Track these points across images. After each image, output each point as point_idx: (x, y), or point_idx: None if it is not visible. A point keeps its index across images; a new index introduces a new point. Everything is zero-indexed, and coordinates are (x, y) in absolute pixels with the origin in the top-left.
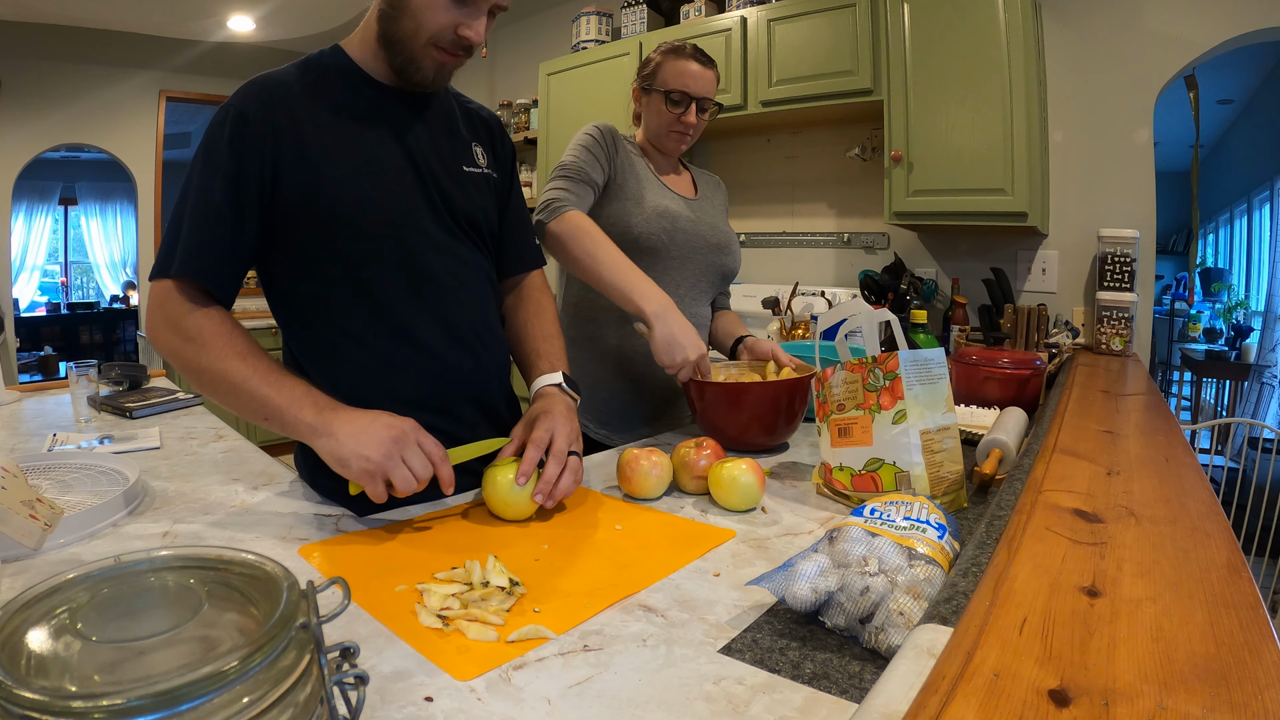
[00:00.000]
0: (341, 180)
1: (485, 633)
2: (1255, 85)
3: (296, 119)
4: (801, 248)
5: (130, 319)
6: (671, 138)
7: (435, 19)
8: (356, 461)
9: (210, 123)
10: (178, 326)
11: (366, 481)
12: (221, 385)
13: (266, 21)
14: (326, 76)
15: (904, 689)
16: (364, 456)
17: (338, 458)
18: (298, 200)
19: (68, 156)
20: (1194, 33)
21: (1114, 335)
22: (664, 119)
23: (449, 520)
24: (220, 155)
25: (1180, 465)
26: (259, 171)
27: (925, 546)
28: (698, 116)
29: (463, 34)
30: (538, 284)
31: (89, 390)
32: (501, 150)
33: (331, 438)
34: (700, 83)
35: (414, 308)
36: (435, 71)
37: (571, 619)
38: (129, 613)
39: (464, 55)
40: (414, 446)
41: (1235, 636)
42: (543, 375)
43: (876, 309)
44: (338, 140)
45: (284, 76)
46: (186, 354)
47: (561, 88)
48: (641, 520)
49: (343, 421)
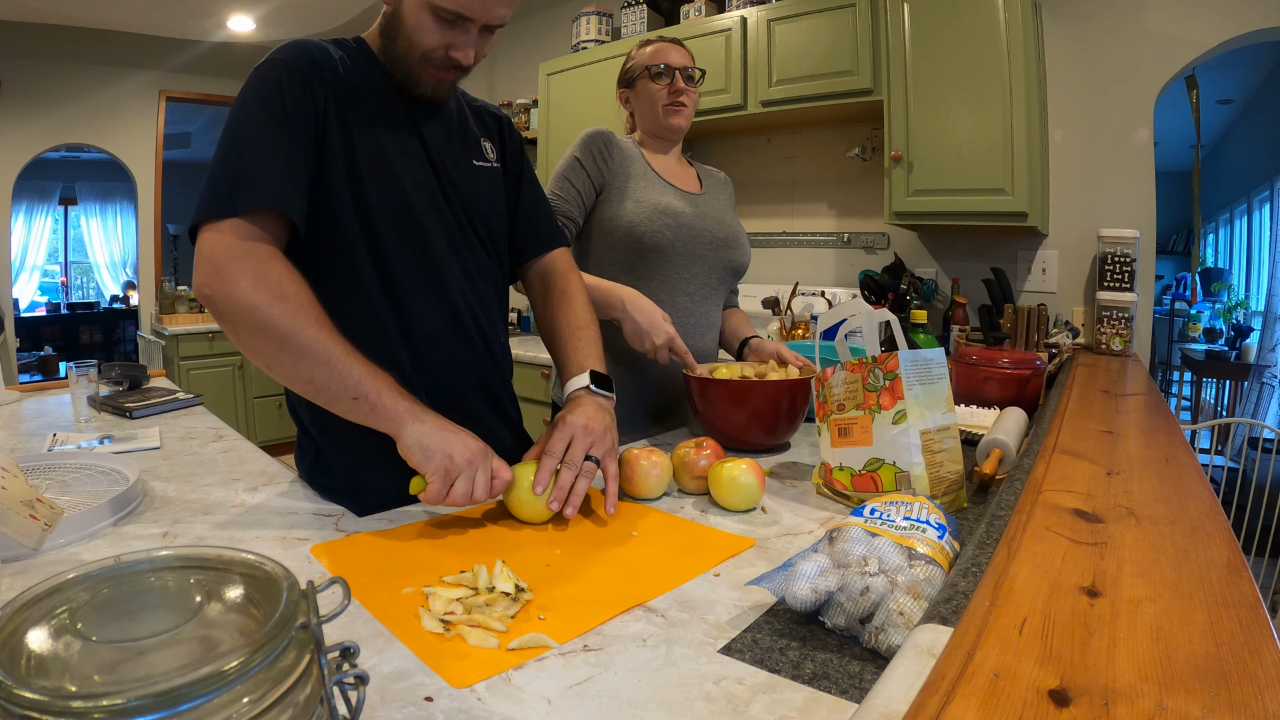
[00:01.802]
0: (369, 158)
1: (486, 639)
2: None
3: (340, 86)
4: (801, 248)
5: (130, 319)
6: (669, 111)
7: (425, 40)
8: (441, 456)
9: (254, 74)
10: (265, 278)
11: (439, 478)
12: (314, 355)
13: (266, 21)
14: (356, 62)
15: (904, 689)
16: (449, 455)
17: (426, 446)
18: (330, 167)
19: (68, 156)
20: (1194, 33)
21: (1114, 335)
22: (656, 97)
23: (464, 522)
24: (278, 96)
25: (1180, 465)
26: (313, 120)
27: (925, 546)
28: (686, 85)
29: (453, 56)
30: (562, 266)
31: (89, 390)
32: (510, 142)
33: (424, 425)
34: (674, 56)
35: (423, 296)
36: (433, 87)
37: (576, 628)
38: (129, 613)
39: (458, 73)
40: (487, 467)
41: (1235, 636)
42: (571, 379)
43: (876, 309)
44: (367, 118)
45: (324, 44)
46: (275, 315)
47: (561, 88)
48: (658, 525)
49: (435, 416)
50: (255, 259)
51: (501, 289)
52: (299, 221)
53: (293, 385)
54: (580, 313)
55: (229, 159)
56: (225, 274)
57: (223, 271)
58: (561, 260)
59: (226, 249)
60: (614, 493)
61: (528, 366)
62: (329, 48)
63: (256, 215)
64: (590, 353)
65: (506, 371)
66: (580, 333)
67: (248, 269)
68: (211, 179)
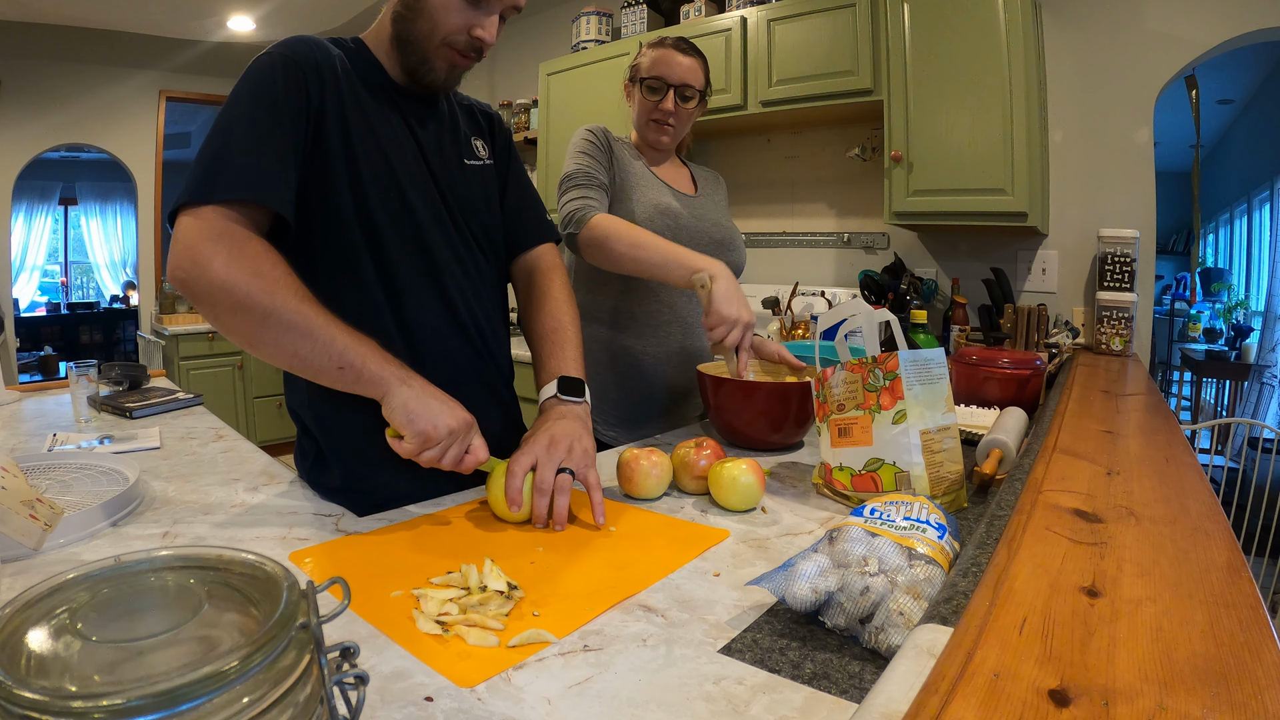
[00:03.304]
0: (368, 156)
1: (486, 638)
2: (1255, 85)
3: (338, 83)
4: (801, 248)
5: (130, 319)
6: (652, 128)
7: (450, 20)
8: (425, 421)
9: (251, 66)
10: (240, 256)
11: (418, 441)
12: (296, 327)
13: (266, 21)
14: (354, 61)
15: (904, 689)
16: (433, 420)
17: (410, 410)
18: (327, 165)
19: (68, 156)
20: (1194, 33)
21: (1114, 335)
22: (644, 109)
23: (441, 523)
24: (271, 89)
25: (1180, 465)
26: (306, 117)
27: (925, 546)
28: (677, 105)
29: (476, 34)
30: (546, 264)
31: (89, 390)
32: (499, 137)
33: (410, 389)
34: (678, 69)
35: (420, 293)
36: (447, 73)
37: (573, 621)
38: (129, 613)
39: (475, 57)
40: (466, 441)
41: (1235, 636)
42: (543, 387)
43: (876, 309)
44: (365, 117)
45: (323, 41)
46: (254, 290)
47: (561, 88)
48: (637, 521)
49: (423, 382)
50: (230, 239)
51: (500, 291)
52: (282, 211)
53: (277, 361)
54: (556, 314)
55: (212, 147)
56: (198, 255)
57: (195, 253)
58: (546, 257)
59: (200, 232)
60: (599, 502)
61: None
62: (329, 45)
63: (235, 205)
64: (565, 356)
65: (508, 373)
66: (555, 335)
67: (221, 249)
68: (195, 166)
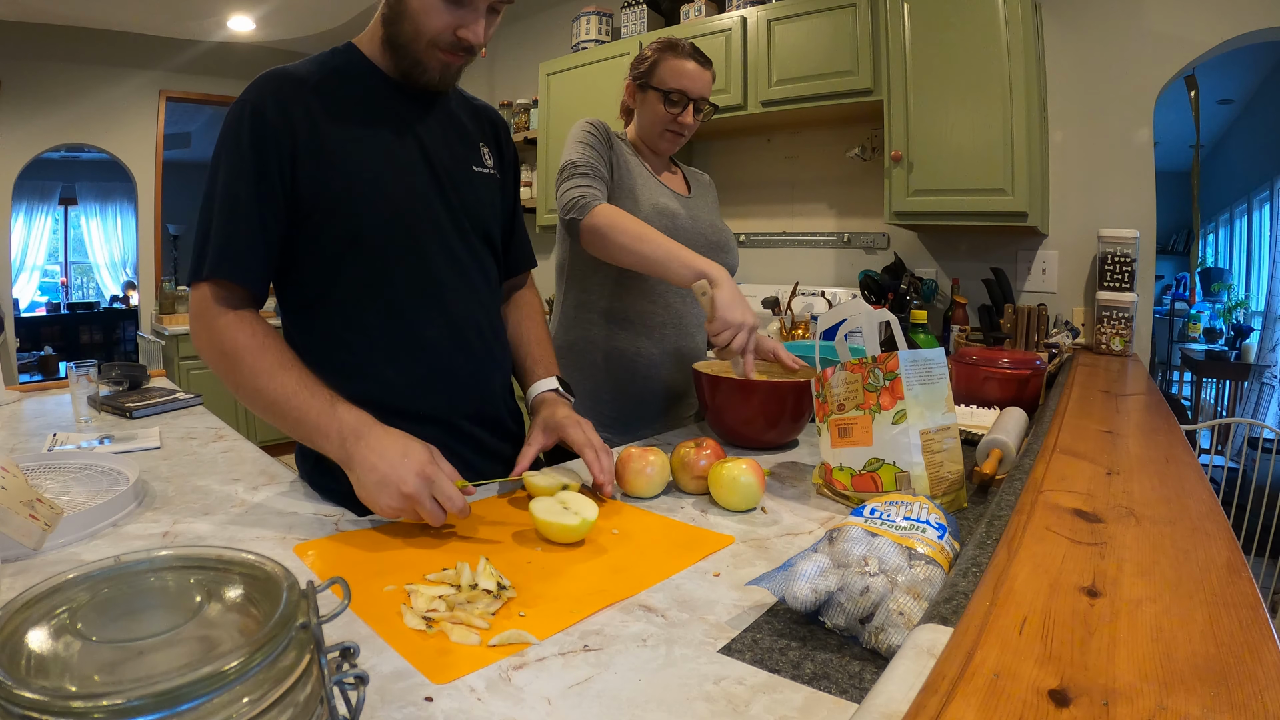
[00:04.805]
0: (357, 174)
1: (468, 636)
2: (1255, 85)
3: (313, 113)
4: (801, 248)
5: (130, 319)
6: (666, 138)
7: (432, 22)
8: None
9: (226, 119)
10: (211, 338)
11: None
12: (258, 403)
13: (266, 21)
14: (341, 72)
15: (904, 689)
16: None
17: (364, 499)
18: (314, 193)
19: (68, 156)
20: (1194, 33)
21: (1114, 335)
22: (660, 118)
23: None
24: (241, 151)
25: (1180, 465)
26: (279, 165)
27: (925, 546)
28: (694, 117)
29: (461, 35)
30: (526, 284)
31: (89, 390)
32: (507, 151)
33: (354, 474)
34: (699, 83)
35: (421, 305)
36: (440, 73)
37: (557, 624)
38: (129, 613)
39: (466, 56)
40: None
41: (1235, 636)
42: (539, 381)
43: (876, 309)
44: (354, 135)
45: (298, 70)
46: (223, 370)
47: (561, 88)
48: (637, 521)
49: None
50: (206, 317)
51: (499, 291)
52: (252, 289)
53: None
54: (541, 327)
55: (202, 228)
56: (194, 331)
57: (193, 328)
58: (527, 282)
59: (194, 308)
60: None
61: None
62: (305, 72)
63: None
64: (554, 363)
65: (509, 380)
66: (545, 345)
67: (201, 327)
68: (195, 243)
